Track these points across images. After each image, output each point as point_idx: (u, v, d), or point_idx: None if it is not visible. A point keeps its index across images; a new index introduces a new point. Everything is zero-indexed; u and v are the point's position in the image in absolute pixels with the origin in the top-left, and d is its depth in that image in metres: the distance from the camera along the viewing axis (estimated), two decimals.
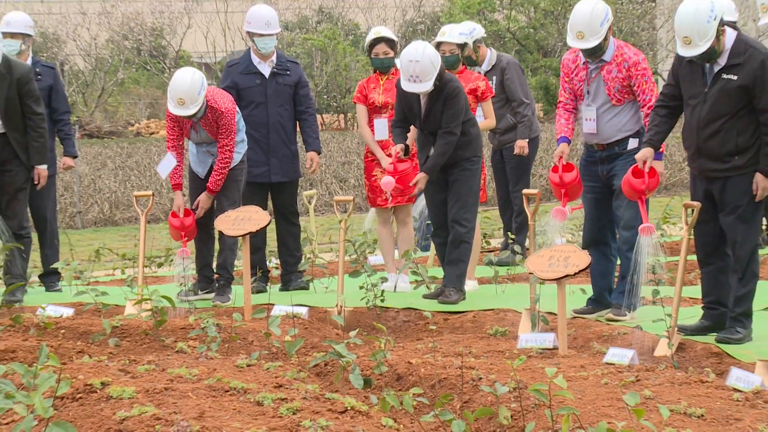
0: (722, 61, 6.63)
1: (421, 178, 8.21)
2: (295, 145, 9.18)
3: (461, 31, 9.26)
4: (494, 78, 10.12)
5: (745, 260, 6.70)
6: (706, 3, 6.51)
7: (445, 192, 8.33)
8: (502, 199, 10.51)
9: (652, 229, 6.86)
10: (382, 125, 8.88)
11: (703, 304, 6.98)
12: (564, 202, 7.46)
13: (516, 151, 10.16)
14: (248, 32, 9.07)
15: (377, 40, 9.00)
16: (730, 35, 6.65)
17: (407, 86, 8.08)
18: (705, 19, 6.46)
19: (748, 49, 6.62)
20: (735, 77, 6.60)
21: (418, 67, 7.99)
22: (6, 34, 9.19)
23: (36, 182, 8.55)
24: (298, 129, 9.23)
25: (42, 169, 8.54)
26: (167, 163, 8.45)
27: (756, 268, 6.77)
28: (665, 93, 6.92)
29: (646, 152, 6.89)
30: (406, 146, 8.36)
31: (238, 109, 8.54)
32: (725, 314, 6.80)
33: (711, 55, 6.56)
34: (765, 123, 6.58)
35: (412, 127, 8.45)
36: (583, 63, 7.50)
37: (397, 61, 8.65)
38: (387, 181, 8.32)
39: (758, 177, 6.62)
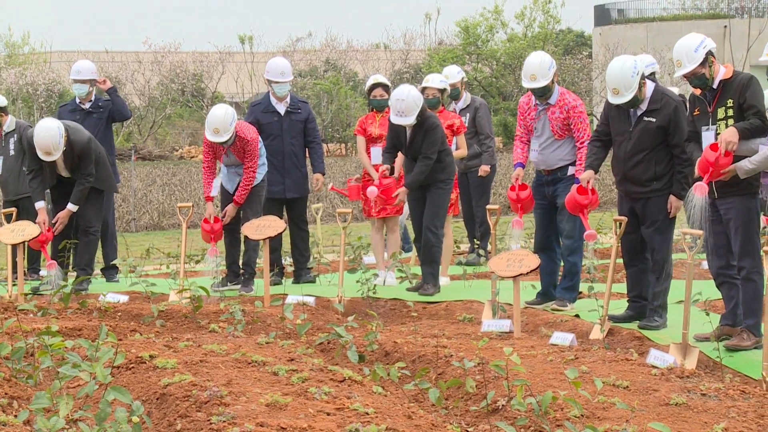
0: (643, 106, 6.62)
1: (402, 191, 8.20)
2: (305, 168, 9.14)
3: (441, 79, 9.25)
4: (467, 115, 10.08)
5: (662, 263, 6.69)
6: (631, 61, 6.52)
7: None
8: (466, 213, 10.46)
9: (594, 235, 6.88)
10: (377, 152, 8.84)
11: (628, 298, 6.96)
12: (520, 214, 7.46)
13: (480, 173, 10.09)
14: (267, 79, 9.04)
15: (375, 85, 8.98)
16: (649, 86, 6.65)
17: (395, 119, 8.06)
18: (630, 74, 6.46)
19: (664, 97, 6.61)
20: (654, 119, 6.59)
21: (404, 104, 7.98)
22: (77, 81, 9.22)
23: (54, 221, 8.26)
24: (307, 155, 9.20)
25: (66, 212, 8.27)
26: (216, 185, 8.47)
27: (670, 269, 6.75)
28: (599, 130, 6.91)
29: (589, 174, 6.87)
30: (392, 167, 8.34)
31: (260, 138, 8.51)
32: (646, 306, 6.78)
33: (634, 102, 6.56)
34: (677, 156, 6.57)
35: (399, 154, 8.43)
36: (534, 104, 7.50)
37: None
38: (371, 190, 8.30)
39: (672, 198, 6.62)
